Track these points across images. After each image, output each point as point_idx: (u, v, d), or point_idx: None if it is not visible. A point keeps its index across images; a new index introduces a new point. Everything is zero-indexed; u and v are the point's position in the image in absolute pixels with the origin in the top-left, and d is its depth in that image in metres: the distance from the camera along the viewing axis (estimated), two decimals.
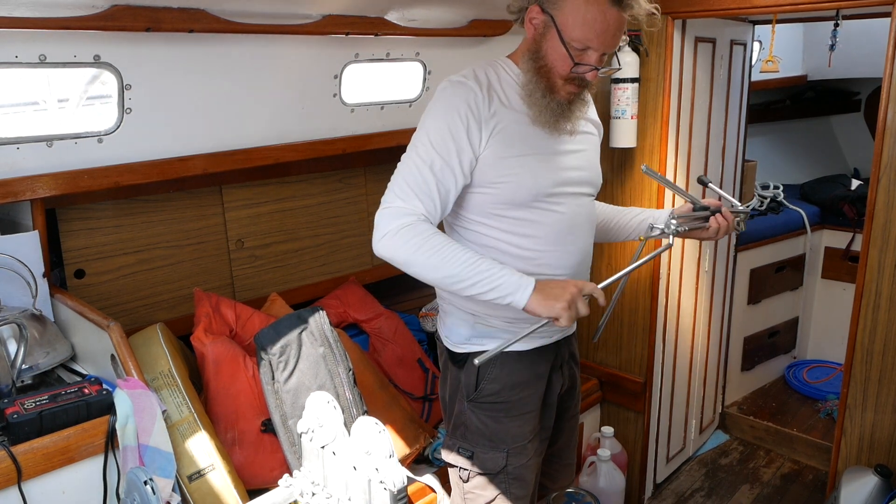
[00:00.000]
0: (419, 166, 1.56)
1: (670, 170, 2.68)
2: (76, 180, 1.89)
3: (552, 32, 1.54)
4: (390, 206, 1.54)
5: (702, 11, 2.44)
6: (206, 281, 2.42)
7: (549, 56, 1.57)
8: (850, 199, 3.76)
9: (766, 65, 2.66)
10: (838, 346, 3.18)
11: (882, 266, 2.15)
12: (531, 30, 1.60)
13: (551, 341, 1.79)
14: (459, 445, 1.79)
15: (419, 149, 1.58)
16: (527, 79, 1.60)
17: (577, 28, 1.52)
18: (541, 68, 1.58)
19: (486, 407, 1.75)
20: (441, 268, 1.51)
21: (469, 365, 1.74)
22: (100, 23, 1.67)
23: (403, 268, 1.56)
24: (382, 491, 1.43)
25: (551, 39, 1.55)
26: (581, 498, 2.66)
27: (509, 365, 1.74)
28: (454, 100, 1.57)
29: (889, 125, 2.07)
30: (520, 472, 1.76)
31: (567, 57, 1.55)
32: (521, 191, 1.62)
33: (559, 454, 1.99)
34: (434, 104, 1.61)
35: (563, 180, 1.68)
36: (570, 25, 1.52)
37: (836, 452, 2.37)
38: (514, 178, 1.61)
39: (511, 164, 1.60)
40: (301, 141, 2.37)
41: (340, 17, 2.09)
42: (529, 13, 1.59)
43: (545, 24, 1.56)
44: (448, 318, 1.81)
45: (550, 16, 1.54)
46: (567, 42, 1.53)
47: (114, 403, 1.53)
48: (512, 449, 1.74)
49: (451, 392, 1.83)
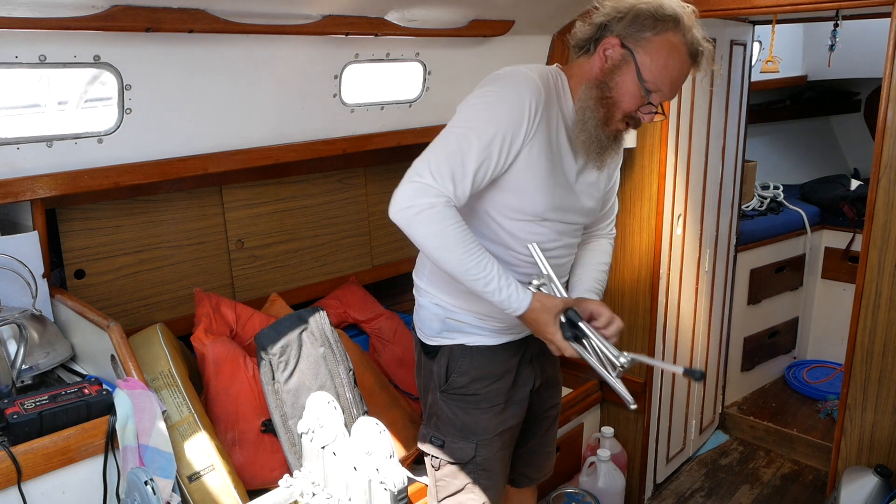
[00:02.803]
0: (466, 146, 1.52)
1: (670, 170, 2.68)
2: (76, 180, 1.89)
3: (629, 68, 1.55)
4: (420, 182, 1.50)
5: (702, 11, 2.42)
6: (206, 281, 2.42)
7: (619, 90, 1.57)
8: (850, 200, 3.76)
9: (766, 65, 2.66)
10: (838, 346, 3.18)
11: (882, 266, 2.15)
12: (603, 60, 1.59)
13: (520, 337, 1.82)
14: (432, 435, 1.82)
15: (473, 124, 1.54)
16: (586, 105, 1.60)
17: (657, 70, 1.54)
18: (605, 99, 1.59)
19: (456, 398, 1.78)
20: (452, 260, 1.52)
21: (440, 357, 1.79)
22: (100, 23, 1.66)
23: (416, 244, 1.55)
24: (383, 491, 1.43)
25: (626, 74, 1.56)
26: (581, 498, 2.66)
27: (478, 359, 1.77)
28: (523, 91, 1.55)
29: (889, 125, 2.07)
30: (488, 464, 1.80)
31: (638, 95, 1.56)
32: (530, 205, 1.63)
33: (539, 445, 2.02)
34: (499, 87, 1.58)
35: (569, 207, 1.70)
36: (650, 67, 1.54)
37: (836, 452, 2.37)
38: (529, 191, 1.61)
39: (534, 177, 1.60)
40: (301, 141, 2.37)
41: (340, 17, 2.09)
42: (606, 44, 1.58)
43: (623, 58, 1.56)
44: (421, 311, 1.83)
45: (631, 52, 1.55)
46: (643, 81, 1.55)
47: (114, 404, 1.53)
48: (481, 441, 1.78)
49: (424, 382, 1.87)
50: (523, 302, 1.56)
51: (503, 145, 1.54)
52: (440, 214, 1.49)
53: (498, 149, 1.54)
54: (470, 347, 1.77)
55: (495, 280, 1.53)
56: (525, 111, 1.54)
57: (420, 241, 1.52)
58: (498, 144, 1.53)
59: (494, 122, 1.53)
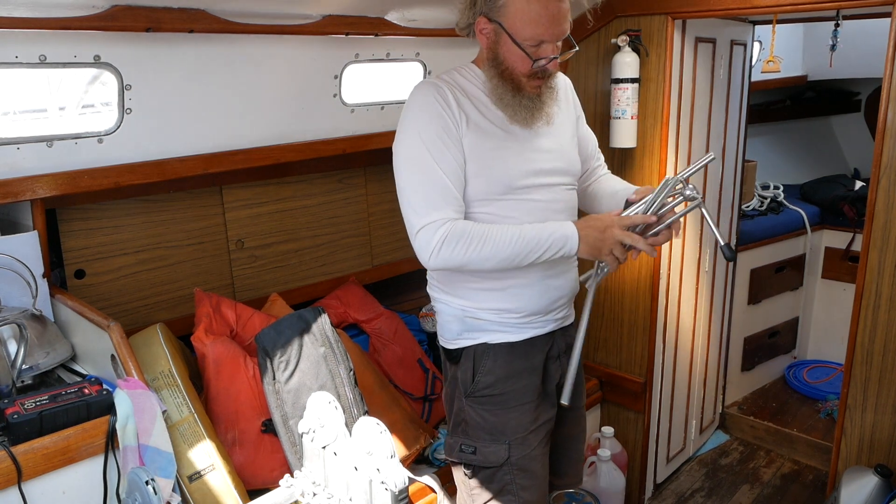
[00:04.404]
0: (427, 175, 1.60)
1: (670, 170, 2.68)
2: (76, 180, 1.89)
3: (504, 38, 1.62)
4: (425, 226, 1.58)
5: (702, 11, 2.44)
6: (206, 281, 2.42)
7: (508, 59, 1.64)
8: (850, 200, 3.76)
9: (767, 65, 2.66)
10: (838, 346, 3.18)
11: (882, 266, 2.15)
12: (484, 40, 1.67)
13: (544, 332, 1.81)
14: (462, 443, 1.80)
15: (417, 158, 1.61)
16: (493, 84, 1.67)
17: (527, 27, 1.59)
18: (503, 72, 1.65)
19: (483, 401, 1.77)
20: (494, 257, 1.59)
21: (464, 360, 1.78)
22: (100, 23, 1.67)
23: (462, 270, 1.65)
24: (384, 491, 1.43)
25: (505, 44, 1.62)
26: (581, 498, 2.66)
27: (503, 356, 1.76)
28: (427, 99, 1.63)
29: (889, 125, 2.07)
30: (524, 463, 1.77)
31: (524, 56, 1.62)
32: (494, 184, 1.67)
33: (564, 447, 1.99)
34: (409, 110, 1.67)
35: (535, 171, 1.72)
36: (519, 27, 1.59)
37: (836, 452, 2.37)
38: (487, 170, 1.65)
39: (485, 158, 1.65)
40: (301, 141, 2.37)
41: (340, 17, 2.09)
42: (478, 25, 1.65)
43: (495, 31, 1.63)
44: (440, 317, 1.84)
45: (498, 23, 1.61)
46: (520, 43, 1.60)
47: (114, 403, 1.53)
48: (513, 440, 1.76)
49: (450, 391, 1.85)
50: (567, 229, 1.62)
51: (447, 138, 1.61)
52: (456, 234, 1.57)
53: (446, 145, 1.61)
54: (493, 346, 1.76)
55: (537, 243, 1.60)
56: (435, 105, 1.62)
57: (462, 264, 1.60)
58: (443, 142, 1.61)
59: (427, 131, 1.61)
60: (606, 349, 2.95)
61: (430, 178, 1.59)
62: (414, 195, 1.61)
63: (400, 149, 1.66)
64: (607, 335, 2.94)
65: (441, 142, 1.60)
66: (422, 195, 1.60)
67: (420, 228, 1.59)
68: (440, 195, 1.59)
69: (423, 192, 1.60)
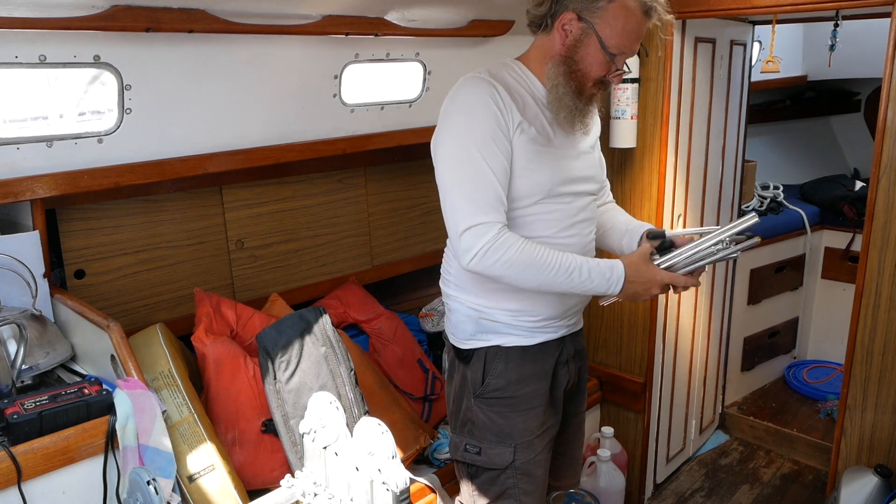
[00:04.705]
0: (476, 174, 1.57)
1: (670, 170, 2.68)
2: (76, 180, 1.88)
3: (591, 40, 1.60)
4: (470, 227, 1.56)
5: (702, 11, 2.44)
6: (206, 281, 2.42)
7: (585, 61, 1.62)
8: (850, 200, 3.76)
9: (767, 65, 2.66)
10: (838, 346, 3.17)
11: (882, 266, 2.15)
12: (563, 36, 1.63)
13: (556, 336, 1.80)
14: (467, 442, 1.80)
15: (466, 155, 1.58)
16: (557, 82, 1.64)
17: (618, 36, 1.59)
18: (574, 73, 1.63)
19: (492, 402, 1.76)
20: (535, 279, 1.60)
21: (475, 361, 1.77)
22: (100, 23, 1.66)
23: (498, 280, 1.62)
24: (385, 492, 1.43)
25: (589, 46, 1.61)
26: (581, 498, 2.66)
27: (514, 360, 1.75)
28: (482, 96, 1.59)
29: (889, 125, 2.07)
30: (528, 468, 1.77)
31: (605, 63, 1.62)
32: (535, 188, 1.65)
33: (563, 450, 1.99)
34: (460, 104, 1.62)
35: (571, 178, 1.72)
36: (611, 34, 1.59)
37: (836, 452, 2.37)
38: (530, 174, 1.64)
39: (531, 161, 1.64)
40: (301, 141, 2.37)
41: (340, 17, 2.09)
42: (562, 20, 1.62)
43: (583, 31, 1.60)
44: (453, 315, 1.82)
45: (590, 24, 1.59)
46: (608, 49, 1.59)
47: (114, 404, 1.53)
48: (519, 444, 1.76)
49: (457, 389, 1.84)
50: (616, 269, 1.63)
51: (500, 139, 1.58)
52: (504, 244, 1.55)
53: (498, 145, 1.58)
54: (505, 348, 1.75)
55: (583, 274, 1.61)
56: (491, 104, 1.59)
57: (500, 276, 1.59)
58: (495, 142, 1.58)
59: (478, 129, 1.58)
60: (606, 349, 2.95)
61: (480, 177, 1.56)
62: (460, 194, 1.58)
63: (446, 143, 1.62)
64: (607, 335, 2.94)
65: (494, 142, 1.57)
66: (469, 195, 1.56)
67: (466, 229, 1.55)
68: (488, 197, 1.56)
69: (470, 191, 1.57)
